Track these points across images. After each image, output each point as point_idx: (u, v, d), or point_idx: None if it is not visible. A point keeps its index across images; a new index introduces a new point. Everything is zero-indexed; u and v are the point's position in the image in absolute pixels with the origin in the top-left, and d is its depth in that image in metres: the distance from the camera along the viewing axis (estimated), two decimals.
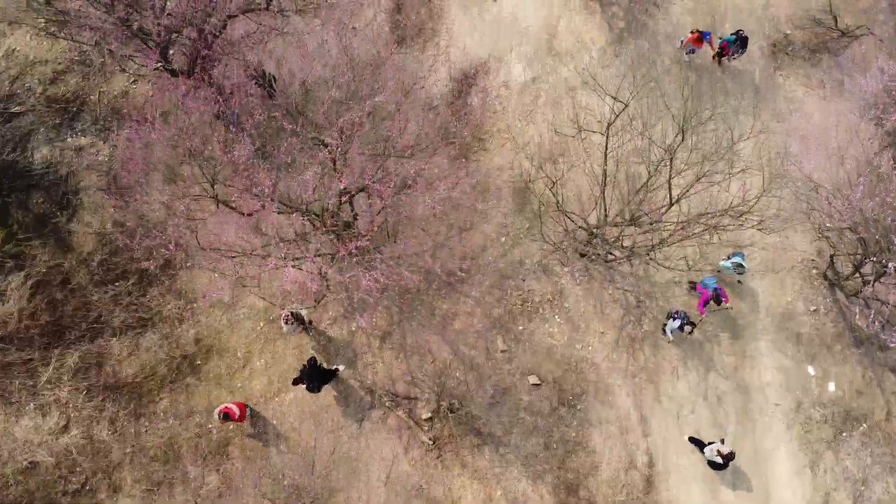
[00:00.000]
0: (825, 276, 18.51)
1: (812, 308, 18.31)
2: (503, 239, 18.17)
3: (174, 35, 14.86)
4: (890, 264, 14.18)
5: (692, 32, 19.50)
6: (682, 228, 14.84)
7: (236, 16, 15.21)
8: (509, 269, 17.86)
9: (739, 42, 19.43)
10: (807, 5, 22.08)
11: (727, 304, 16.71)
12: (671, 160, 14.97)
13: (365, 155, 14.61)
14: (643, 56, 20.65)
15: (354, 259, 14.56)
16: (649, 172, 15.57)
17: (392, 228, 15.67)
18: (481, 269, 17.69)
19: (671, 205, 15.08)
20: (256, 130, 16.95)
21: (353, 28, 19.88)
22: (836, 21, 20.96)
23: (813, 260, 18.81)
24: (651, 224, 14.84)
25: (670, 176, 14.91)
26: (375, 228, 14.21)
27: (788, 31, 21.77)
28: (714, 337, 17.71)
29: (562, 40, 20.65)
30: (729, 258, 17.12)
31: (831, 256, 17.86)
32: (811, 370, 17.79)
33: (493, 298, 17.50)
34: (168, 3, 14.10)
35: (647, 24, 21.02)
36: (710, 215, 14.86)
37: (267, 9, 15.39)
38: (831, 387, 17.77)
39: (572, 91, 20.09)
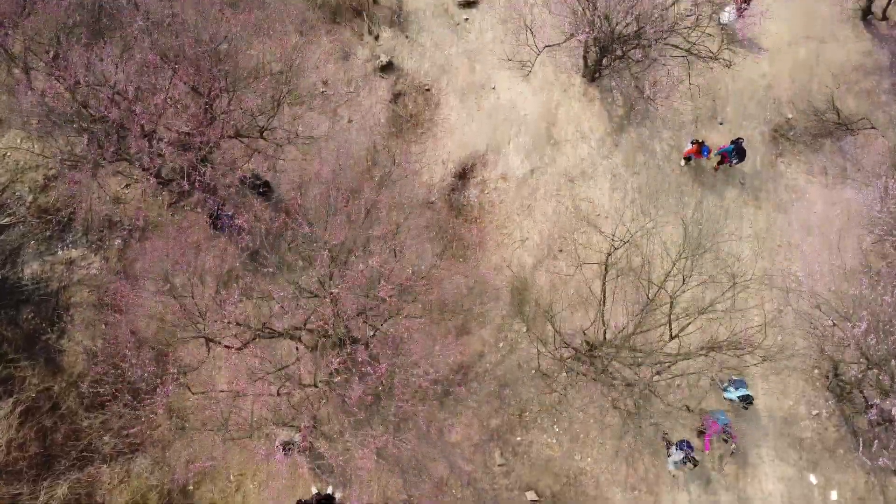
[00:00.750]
0: (827, 378, 18.26)
1: (814, 412, 18.05)
2: (501, 344, 17.91)
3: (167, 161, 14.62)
4: (893, 409, 13.95)
5: (693, 143, 19.21)
6: (683, 359, 14.59)
7: (232, 137, 14.95)
8: (507, 375, 17.60)
9: (737, 151, 19.16)
10: (808, 87, 21.83)
11: (734, 445, 16.67)
12: (671, 303, 14.71)
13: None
14: (643, 145, 20.37)
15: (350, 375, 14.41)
16: (648, 297, 15.32)
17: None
18: (478, 378, 17.43)
19: (671, 338, 14.83)
20: (250, 235, 16.73)
21: (350, 121, 19.60)
22: (837, 114, 20.67)
23: (814, 359, 18.55)
24: (648, 357, 14.59)
25: (670, 317, 14.65)
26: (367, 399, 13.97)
27: (790, 115, 21.51)
28: (715, 445, 17.46)
29: (561, 129, 20.37)
30: (730, 384, 16.88)
31: (835, 371, 17.64)
32: (813, 479, 17.54)
33: (491, 408, 17.24)
34: (161, 145, 13.84)
35: (647, 110, 20.74)
36: (711, 349, 14.62)
37: (261, 137, 15.14)
38: (833, 495, 17.52)
39: (571, 182, 19.82)
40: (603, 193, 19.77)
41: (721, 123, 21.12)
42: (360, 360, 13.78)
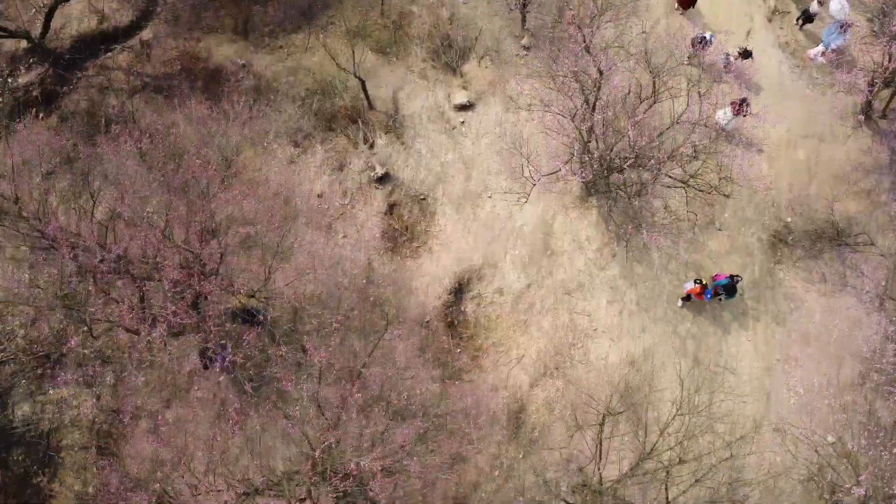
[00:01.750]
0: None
1: None
2: (496, 472, 17.77)
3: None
4: None
5: (696, 283, 18.99)
6: None
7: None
8: None
9: (730, 288, 18.97)
10: (807, 190, 21.66)
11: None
12: (667, 475, 14.59)
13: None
14: (641, 255, 20.20)
15: None
16: (643, 448, 15.20)
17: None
18: None
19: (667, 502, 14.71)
20: (243, 369, 16.60)
21: (344, 236, 19.46)
22: (837, 232, 20.46)
23: (811, 467, 18.35)
24: None
25: (666, 485, 14.51)
26: None
27: (789, 219, 21.34)
28: None
29: (557, 239, 20.21)
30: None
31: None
32: None
33: None
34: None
35: (645, 217, 20.56)
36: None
37: (252, 297, 15.03)
38: None
39: (569, 295, 19.67)
40: (600, 307, 19.62)
41: (720, 229, 20.95)
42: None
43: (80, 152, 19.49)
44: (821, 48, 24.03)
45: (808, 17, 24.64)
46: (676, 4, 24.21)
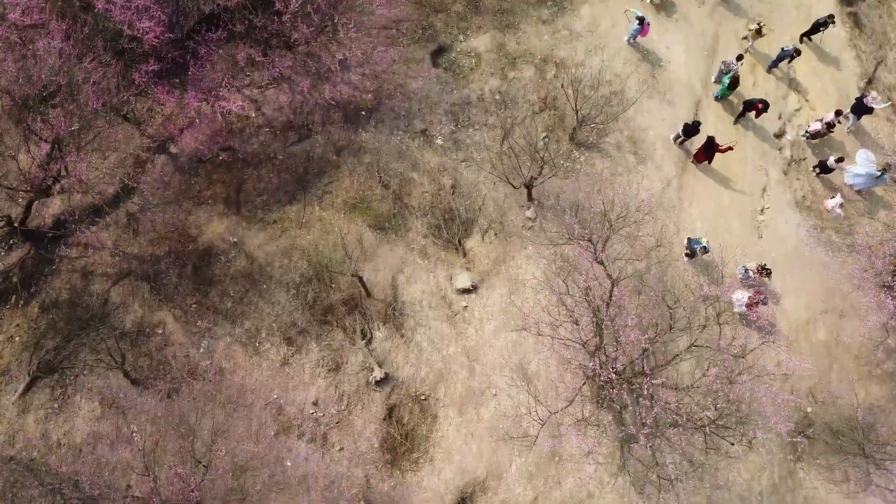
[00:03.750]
0: None
1: None
2: None
3: None
4: None
5: None
6: None
7: None
8: None
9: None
10: (828, 375, 20.64)
11: None
12: None
13: None
14: (654, 459, 19.10)
15: None
16: None
17: None
18: None
19: None
20: None
21: (341, 449, 18.37)
22: (863, 451, 19.31)
23: None
24: None
25: None
26: None
27: (809, 409, 20.30)
28: None
29: (566, 444, 19.11)
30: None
31: None
32: None
33: None
34: None
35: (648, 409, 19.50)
36: None
37: None
38: None
39: None
40: None
41: (733, 443, 19.81)
42: None
43: (61, 356, 18.51)
44: (839, 199, 23.04)
45: (825, 169, 23.67)
46: (692, 159, 23.23)
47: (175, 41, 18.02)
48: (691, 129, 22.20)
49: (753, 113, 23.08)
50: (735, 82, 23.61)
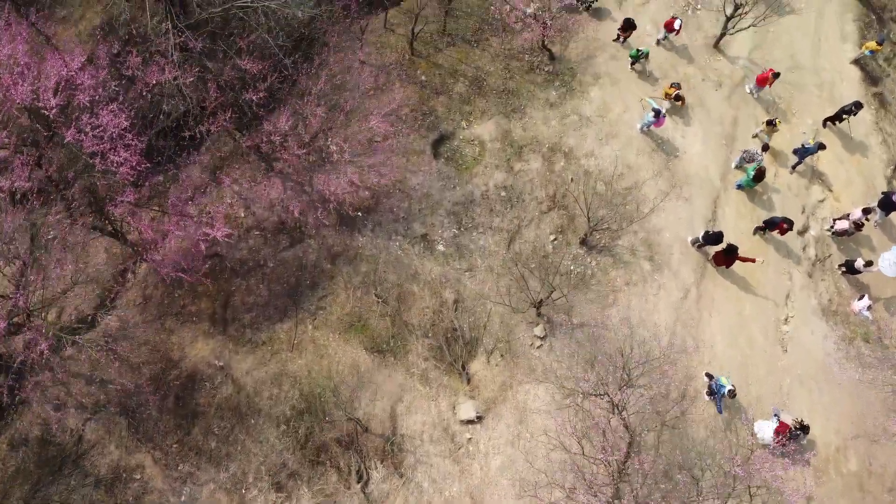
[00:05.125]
0: None
1: None
2: None
3: None
4: None
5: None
6: None
7: None
8: None
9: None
10: None
11: None
12: None
13: None
14: None
15: None
16: None
17: None
18: None
19: None
20: None
21: None
22: None
23: None
24: None
25: None
26: None
27: None
28: None
29: None
30: None
31: None
32: None
33: None
34: None
35: None
36: None
37: None
38: None
39: None
40: None
41: None
42: None
43: None
44: (867, 301, 21.58)
45: (851, 270, 22.21)
46: (712, 261, 21.75)
47: (155, 165, 16.52)
48: (713, 240, 20.72)
49: (777, 231, 21.41)
50: (760, 175, 22.15)
